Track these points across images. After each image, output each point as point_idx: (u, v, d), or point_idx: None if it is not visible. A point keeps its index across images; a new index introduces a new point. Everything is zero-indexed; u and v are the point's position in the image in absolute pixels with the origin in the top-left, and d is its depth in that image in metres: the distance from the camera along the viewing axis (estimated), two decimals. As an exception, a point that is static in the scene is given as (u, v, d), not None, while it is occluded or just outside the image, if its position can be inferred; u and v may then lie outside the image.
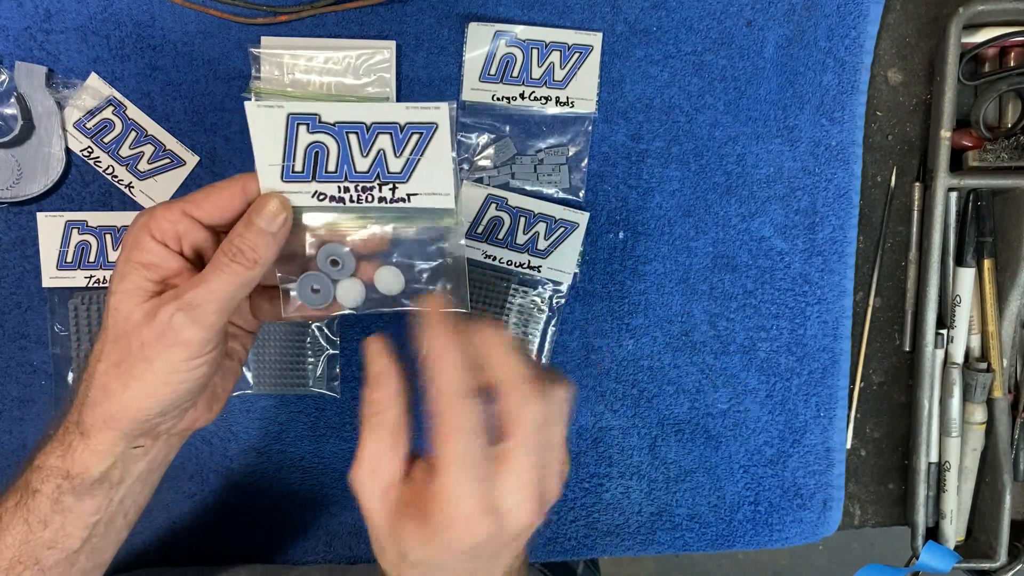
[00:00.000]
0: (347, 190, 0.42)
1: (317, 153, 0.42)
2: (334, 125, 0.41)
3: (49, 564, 0.43)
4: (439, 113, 0.41)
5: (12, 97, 0.57)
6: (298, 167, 0.42)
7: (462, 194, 0.61)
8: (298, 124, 0.41)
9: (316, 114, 0.41)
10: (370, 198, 0.43)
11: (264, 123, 0.41)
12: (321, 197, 0.42)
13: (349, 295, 0.44)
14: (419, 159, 0.42)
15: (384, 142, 0.42)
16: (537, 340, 0.62)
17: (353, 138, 0.42)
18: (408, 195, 0.43)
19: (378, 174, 0.42)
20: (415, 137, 0.42)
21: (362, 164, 0.42)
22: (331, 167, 0.42)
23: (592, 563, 0.83)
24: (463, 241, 0.44)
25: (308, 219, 0.43)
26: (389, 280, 0.43)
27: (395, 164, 0.42)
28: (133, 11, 0.59)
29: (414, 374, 0.45)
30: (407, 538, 0.38)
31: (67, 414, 0.43)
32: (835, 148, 0.62)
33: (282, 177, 0.42)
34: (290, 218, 0.42)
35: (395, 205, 0.43)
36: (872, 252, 0.65)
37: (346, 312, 0.45)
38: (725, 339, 0.63)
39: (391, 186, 0.42)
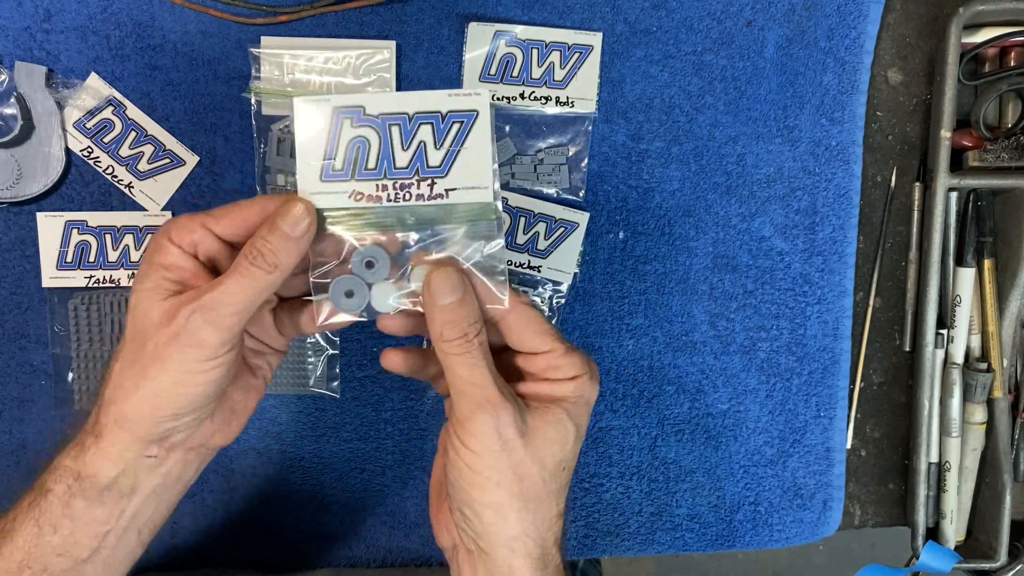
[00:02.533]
0: (385, 188, 0.42)
1: (359, 148, 0.42)
2: (378, 117, 0.41)
3: (57, 572, 0.43)
4: (480, 100, 0.41)
5: (12, 97, 0.57)
6: (338, 165, 0.42)
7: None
8: (343, 118, 0.41)
9: (361, 106, 0.41)
10: (408, 196, 0.42)
11: (310, 118, 0.41)
12: (358, 197, 0.42)
13: (383, 298, 0.43)
14: (459, 150, 0.42)
15: (425, 133, 0.42)
16: (537, 340, 0.62)
17: (395, 130, 0.41)
18: (446, 190, 0.42)
19: (417, 169, 0.42)
20: (456, 126, 0.41)
21: (402, 159, 0.42)
22: (371, 163, 0.42)
23: (593, 561, 0.84)
24: (502, 239, 0.43)
25: (342, 222, 0.43)
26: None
27: (435, 157, 0.42)
28: (133, 11, 0.59)
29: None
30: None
31: (87, 418, 0.43)
32: (835, 148, 0.62)
33: (321, 177, 0.42)
34: (314, 224, 0.41)
35: (433, 202, 0.42)
36: (872, 252, 0.65)
37: (382, 315, 0.44)
38: (725, 339, 0.63)
39: (429, 181, 0.42)
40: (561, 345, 0.43)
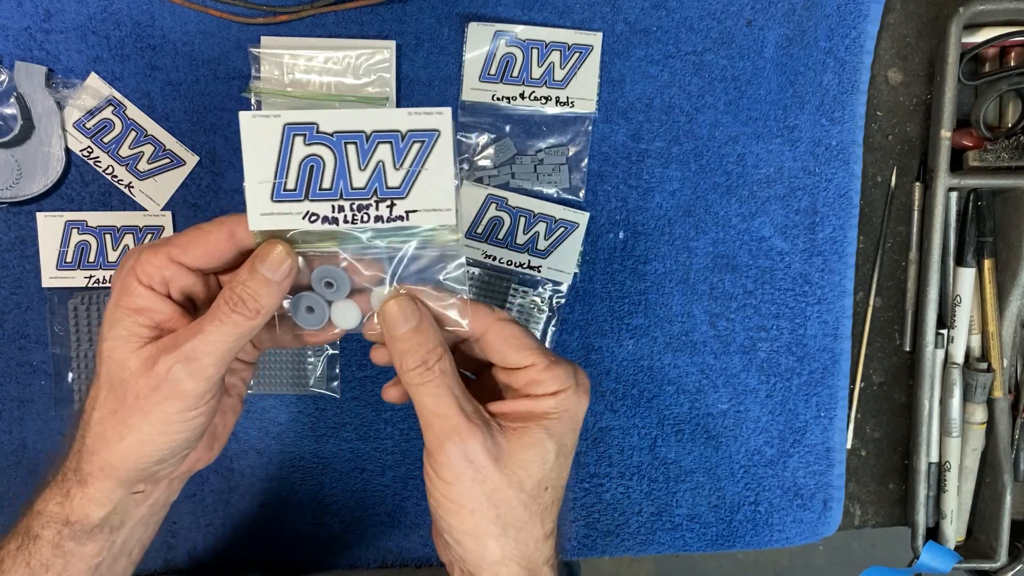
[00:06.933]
0: (341, 209, 0.40)
1: (312, 167, 0.39)
2: (332, 135, 0.39)
3: None
4: (441, 119, 0.39)
5: (12, 97, 0.57)
6: (290, 184, 0.39)
7: (462, 195, 0.61)
8: (294, 135, 0.39)
9: (314, 123, 0.39)
10: (365, 217, 0.40)
11: (258, 134, 0.39)
12: (313, 218, 0.40)
13: (345, 316, 0.42)
14: (420, 171, 0.40)
15: (384, 153, 0.40)
16: (537, 340, 0.62)
17: (351, 149, 0.40)
18: (407, 212, 0.40)
19: (375, 190, 0.40)
20: (416, 146, 0.40)
21: (359, 179, 0.40)
22: (326, 183, 0.40)
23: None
24: (464, 259, 0.42)
25: (299, 242, 0.41)
26: (384, 300, 0.42)
27: (394, 178, 0.40)
28: (133, 11, 0.59)
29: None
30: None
31: (65, 460, 0.43)
32: (835, 148, 0.62)
33: (272, 196, 0.39)
34: (295, 266, 0.40)
35: (392, 224, 0.40)
36: (872, 252, 0.65)
37: (339, 332, 0.43)
38: (725, 339, 0.63)
39: (388, 203, 0.40)
40: (543, 359, 0.42)
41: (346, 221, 0.40)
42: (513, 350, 0.42)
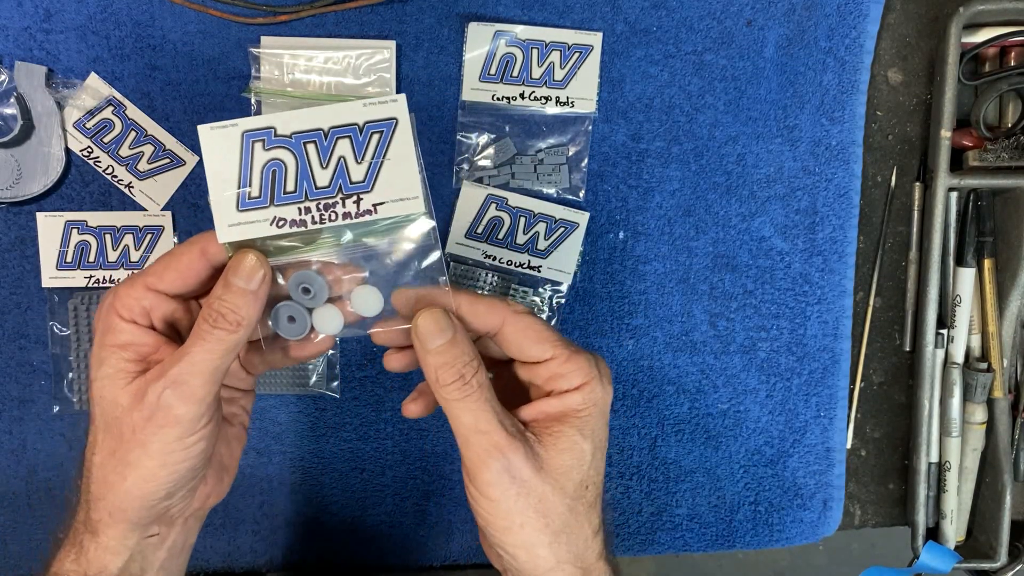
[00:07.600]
0: (308, 211, 0.39)
1: (275, 172, 0.39)
2: (291, 137, 0.39)
3: None
4: (397, 107, 0.39)
5: (12, 97, 0.57)
6: (255, 192, 0.39)
7: (462, 195, 0.61)
8: (253, 142, 0.39)
9: (271, 127, 0.39)
10: (333, 216, 0.39)
11: (218, 145, 0.39)
12: (280, 223, 0.39)
13: (327, 321, 0.42)
14: (382, 162, 0.39)
15: (344, 148, 0.39)
16: (537, 340, 0.62)
17: (311, 148, 0.39)
18: (374, 205, 0.40)
19: (340, 186, 0.39)
20: (375, 137, 0.39)
21: (322, 177, 0.39)
22: (290, 186, 0.39)
23: None
24: (439, 249, 0.41)
25: (271, 251, 0.41)
26: (366, 300, 0.41)
27: (357, 172, 0.39)
28: (133, 11, 0.59)
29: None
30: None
31: (74, 515, 0.42)
32: (835, 148, 0.62)
33: (238, 206, 0.39)
34: (269, 273, 0.39)
35: (361, 219, 0.40)
36: (872, 252, 0.65)
37: (326, 339, 0.43)
38: (725, 339, 0.63)
39: (355, 198, 0.39)
40: (563, 351, 0.41)
41: (314, 222, 0.40)
42: (532, 343, 0.41)
